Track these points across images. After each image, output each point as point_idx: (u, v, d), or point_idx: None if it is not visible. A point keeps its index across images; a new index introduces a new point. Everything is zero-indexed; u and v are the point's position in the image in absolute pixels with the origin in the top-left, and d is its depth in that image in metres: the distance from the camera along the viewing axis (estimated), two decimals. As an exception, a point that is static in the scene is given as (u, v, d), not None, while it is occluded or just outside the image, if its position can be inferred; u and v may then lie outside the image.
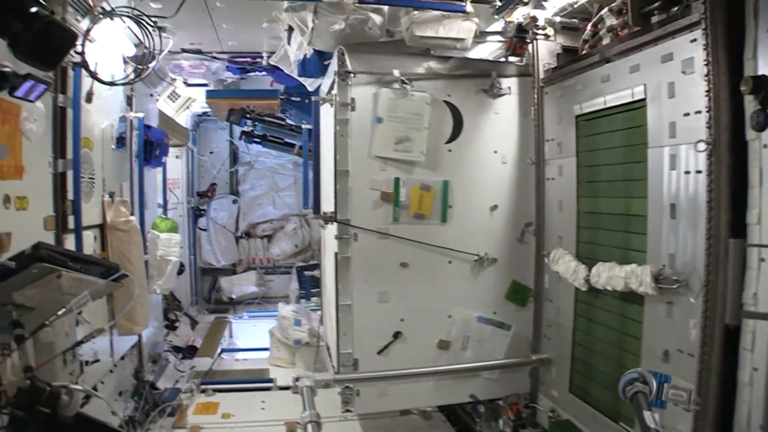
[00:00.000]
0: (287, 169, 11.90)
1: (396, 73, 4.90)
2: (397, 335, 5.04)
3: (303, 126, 8.72)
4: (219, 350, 8.59)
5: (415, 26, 4.91)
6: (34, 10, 2.66)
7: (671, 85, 3.52)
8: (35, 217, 4.33)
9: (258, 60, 7.74)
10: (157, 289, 6.98)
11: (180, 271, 8.03)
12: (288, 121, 9.69)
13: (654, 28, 3.65)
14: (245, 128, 9.88)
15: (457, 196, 5.10)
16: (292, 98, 8.93)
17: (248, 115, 9.41)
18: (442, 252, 5.07)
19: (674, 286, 3.44)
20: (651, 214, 3.73)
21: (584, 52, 4.61)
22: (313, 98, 5.25)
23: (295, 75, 6.29)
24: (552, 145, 4.99)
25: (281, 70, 6.84)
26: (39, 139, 4.28)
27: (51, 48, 2.79)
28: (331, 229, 5.14)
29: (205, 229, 11.62)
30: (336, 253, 4.96)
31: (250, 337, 9.65)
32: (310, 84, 6.54)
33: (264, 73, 8.12)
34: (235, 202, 11.90)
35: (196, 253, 11.55)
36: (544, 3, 4.96)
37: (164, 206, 9.32)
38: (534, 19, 4.94)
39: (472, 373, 5.22)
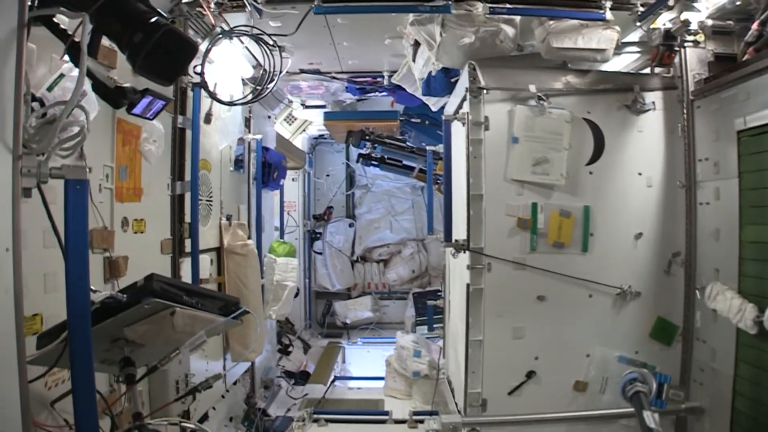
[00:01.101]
0: (405, 193, 11.67)
1: (532, 88, 4.54)
2: (530, 375, 4.63)
3: (427, 148, 8.48)
4: (332, 377, 8.40)
5: (552, 37, 4.58)
6: (153, 19, 2.48)
7: None
8: (152, 241, 4.31)
9: (378, 79, 7.54)
10: (272, 315, 6.90)
11: (295, 295, 7.90)
12: (408, 143, 9.47)
13: None
14: (364, 150, 9.73)
15: (598, 223, 4.67)
16: (412, 119, 8.73)
17: (368, 137, 9.24)
18: (582, 284, 4.62)
19: None
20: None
21: (747, 57, 4.05)
22: (443, 117, 4.97)
23: (418, 94, 6.10)
24: (706, 166, 4.45)
25: (403, 90, 6.69)
26: (158, 160, 4.24)
27: (170, 59, 2.59)
28: (462, 258, 4.80)
29: (320, 253, 11.53)
30: (468, 285, 4.62)
31: (364, 363, 9.47)
32: (433, 104, 6.31)
33: (384, 93, 7.92)
34: (351, 225, 11.76)
35: (311, 277, 11.47)
36: (695, 5, 4.43)
37: (281, 229, 9.30)
38: (686, 23, 4.42)
39: (610, 420, 4.69)
